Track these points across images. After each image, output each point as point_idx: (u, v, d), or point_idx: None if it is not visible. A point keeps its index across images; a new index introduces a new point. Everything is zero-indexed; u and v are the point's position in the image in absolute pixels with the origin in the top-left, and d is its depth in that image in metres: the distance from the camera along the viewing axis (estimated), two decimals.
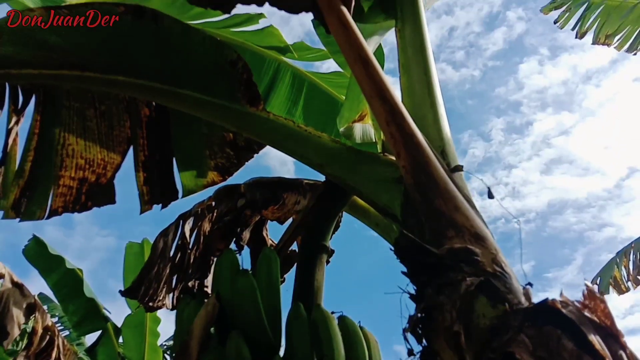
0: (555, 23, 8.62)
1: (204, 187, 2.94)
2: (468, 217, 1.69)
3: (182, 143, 2.89)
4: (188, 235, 2.69)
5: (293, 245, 2.77)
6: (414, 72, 2.27)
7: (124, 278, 6.66)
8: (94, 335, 6.88)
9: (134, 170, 2.87)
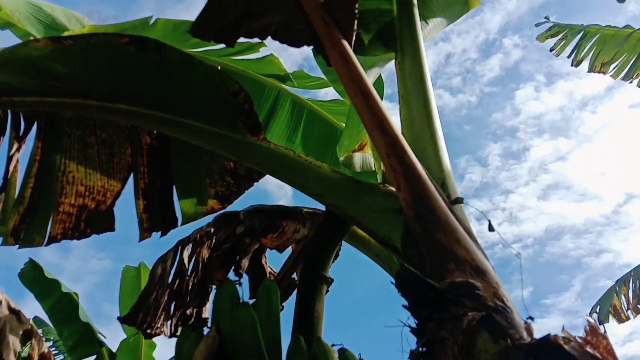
0: (551, 51, 8.72)
1: (204, 214, 2.93)
2: (469, 250, 1.69)
3: (182, 171, 2.89)
4: (187, 262, 2.67)
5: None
6: (414, 104, 2.29)
7: (120, 301, 6.63)
8: None
9: (134, 198, 2.86)
